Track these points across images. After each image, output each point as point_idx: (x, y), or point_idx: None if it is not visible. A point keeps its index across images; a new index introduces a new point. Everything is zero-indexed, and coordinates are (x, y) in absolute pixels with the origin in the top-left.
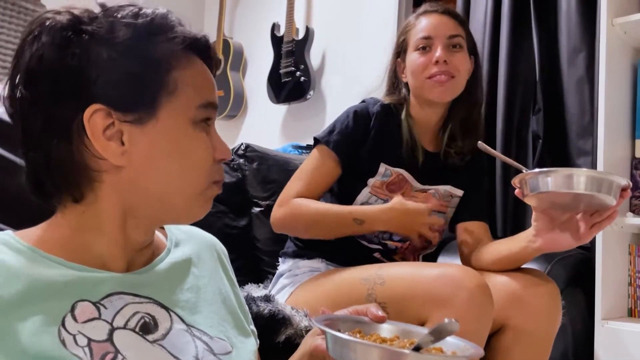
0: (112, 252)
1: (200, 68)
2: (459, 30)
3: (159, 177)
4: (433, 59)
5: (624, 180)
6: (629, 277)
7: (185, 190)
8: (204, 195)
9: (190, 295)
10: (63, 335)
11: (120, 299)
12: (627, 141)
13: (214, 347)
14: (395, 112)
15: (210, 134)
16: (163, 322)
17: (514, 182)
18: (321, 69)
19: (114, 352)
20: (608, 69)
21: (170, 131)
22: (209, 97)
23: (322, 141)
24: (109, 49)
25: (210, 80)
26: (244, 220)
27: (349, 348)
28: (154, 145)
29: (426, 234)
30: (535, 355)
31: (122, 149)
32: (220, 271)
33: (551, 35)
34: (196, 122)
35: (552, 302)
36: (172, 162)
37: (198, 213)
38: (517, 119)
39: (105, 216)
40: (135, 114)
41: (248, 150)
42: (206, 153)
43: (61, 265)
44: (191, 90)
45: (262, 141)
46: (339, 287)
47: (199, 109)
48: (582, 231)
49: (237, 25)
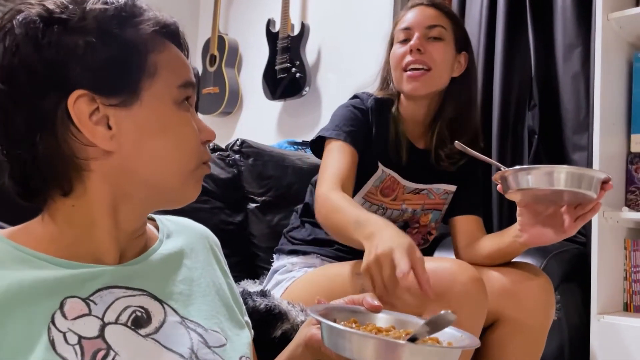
0: (104, 244)
1: (174, 50)
2: (441, 20)
3: (149, 159)
4: (408, 47)
5: (603, 174)
6: (625, 271)
7: (177, 170)
8: (194, 175)
9: (183, 287)
10: (53, 333)
11: (111, 294)
12: (623, 136)
13: (209, 340)
14: (387, 107)
15: (192, 116)
16: (156, 315)
17: (495, 178)
18: (317, 65)
19: (105, 349)
20: (603, 64)
21: (156, 112)
22: (187, 77)
23: (333, 136)
24: (84, 36)
25: (185, 62)
26: (240, 216)
27: (344, 338)
28: (141, 127)
29: None
30: (529, 348)
31: (110, 133)
32: (213, 262)
33: (547, 31)
34: (179, 102)
35: (545, 296)
36: (160, 142)
37: (191, 194)
38: (512, 115)
39: (96, 207)
40: (119, 97)
41: (244, 146)
42: (193, 132)
43: (49, 263)
44: (170, 71)
45: (257, 137)
46: (333, 282)
47: (180, 89)
48: (566, 224)
49: (232, 22)
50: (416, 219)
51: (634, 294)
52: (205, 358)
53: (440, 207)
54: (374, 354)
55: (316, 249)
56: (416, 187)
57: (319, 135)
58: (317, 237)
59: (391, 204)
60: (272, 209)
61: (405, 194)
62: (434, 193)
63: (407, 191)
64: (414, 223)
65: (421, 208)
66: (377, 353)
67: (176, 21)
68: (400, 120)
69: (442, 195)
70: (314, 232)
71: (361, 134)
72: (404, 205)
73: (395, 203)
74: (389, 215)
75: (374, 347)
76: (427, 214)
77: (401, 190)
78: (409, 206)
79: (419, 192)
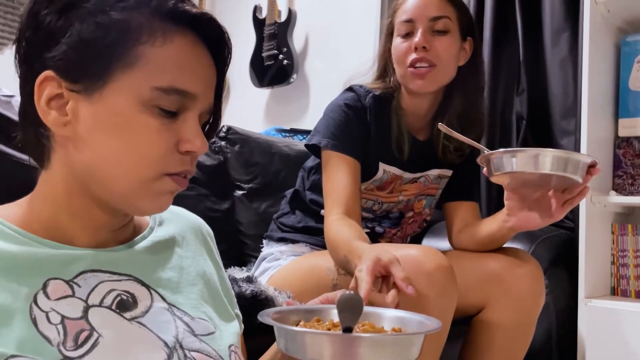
0: (74, 228)
1: (186, 48)
2: (446, 10)
3: (98, 155)
4: (412, 44)
5: (590, 158)
6: (612, 256)
7: (125, 175)
8: (151, 187)
9: (172, 274)
10: (35, 312)
11: (94, 277)
12: (610, 121)
13: (195, 328)
14: (386, 103)
15: (185, 124)
16: (143, 300)
17: (480, 160)
18: (304, 52)
19: (89, 330)
20: (591, 49)
21: (114, 108)
22: (178, 83)
23: (329, 147)
24: (76, 14)
25: (193, 65)
26: (226, 203)
27: (282, 336)
28: (96, 119)
29: None
30: (518, 335)
31: (64, 119)
32: (204, 253)
33: (535, 16)
34: (147, 105)
35: (534, 283)
36: (112, 141)
37: (146, 207)
38: (501, 100)
39: (58, 188)
40: (83, 83)
41: (230, 133)
42: (154, 140)
43: (32, 241)
44: (155, 69)
45: (245, 125)
46: (309, 276)
47: (156, 92)
48: (554, 209)
49: (218, 8)
50: (410, 206)
51: (621, 278)
52: (191, 347)
53: (434, 192)
54: (310, 349)
55: (306, 237)
56: (414, 176)
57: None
58: (307, 225)
59: (387, 197)
60: (259, 196)
61: (403, 184)
62: (428, 179)
63: (405, 182)
64: (409, 211)
65: (415, 195)
66: (312, 347)
67: (206, 12)
68: (402, 114)
69: (434, 179)
70: (304, 219)
71: (359, 140)
72: (400, 196)
73: (392, 195)
74: (385, 207)
75: (309, 341)
76: (420, 200)
77: (399, 182)
78: (406, 196)
79: (416, 181)
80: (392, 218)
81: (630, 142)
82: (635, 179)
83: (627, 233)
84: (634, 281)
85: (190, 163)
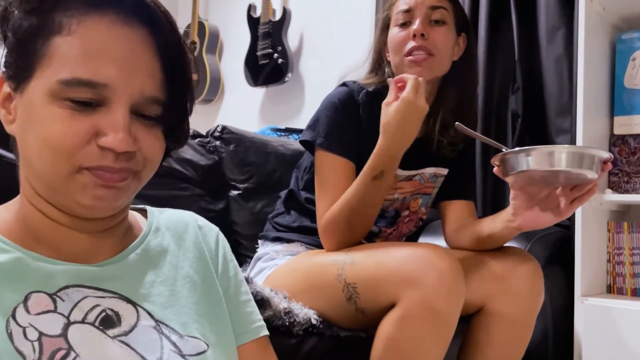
0: (56, 232)
1: (97, 33)
2: (443, 1)
3: (30, 151)
4: (411, 32)
5: (606, 153)
6: (608, 254)
7: (48, 170)
8: (75, 181)
9: (163, 288)
10: (12, 327)
11: (79, 292)
12: (606, 119)
13: (183, 348)
14: (380, 99)
15: (105, 116)
16: (127, 318)
17: (494, 161)
18: (299, 51)
19: (66, 349)
20: (587, 46)
21: (30, 101)
22: (80, 73)
23: (324, 147)
24: (10, 16)
25: (106, 51)
26: (221, 203)
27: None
28: (21, 115)
29: None
30: (517, 334)
31: (10, 118)
32: (207, 260)
33: (530, 13)
34: (57, 97)
35: (534, 283)
36: (32, 135)
37: (85, 202)
38: (496, 98)
39: (26, 189)
40: (14, 81)
41: (224, 132)
42: (64, 131)
43: (16, 251)
44: (60, 60)
45: (240, 125)
46: (312, 270)
47: (60, 85)
48: (562, 207)
49: (212, 7)
50: (406, 205)
51: (617, 276)
52: None
53: (430, 190)
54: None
55: (301, 236)
56: (409, 174)
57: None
58: (303, 224)
59: None
60: (255, 196)
61: (398, 182)
62: (424, 177)
63: (399, 179)
64: (404, 210)
65: (411, 194)
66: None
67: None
68: None
69: (430, 178)
70: (299, 219)
71: (352, 140)
72: (396, 194)
73: (388, 193)
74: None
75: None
76: (416, 199)
77: (394, 179)
78: (401, 194)
79: (412, 179)
80: (388, 217)
81: (625, 140)
82: (631, 177)
83: (623, 231)
84: (629, 279)
85: (112, 159)
